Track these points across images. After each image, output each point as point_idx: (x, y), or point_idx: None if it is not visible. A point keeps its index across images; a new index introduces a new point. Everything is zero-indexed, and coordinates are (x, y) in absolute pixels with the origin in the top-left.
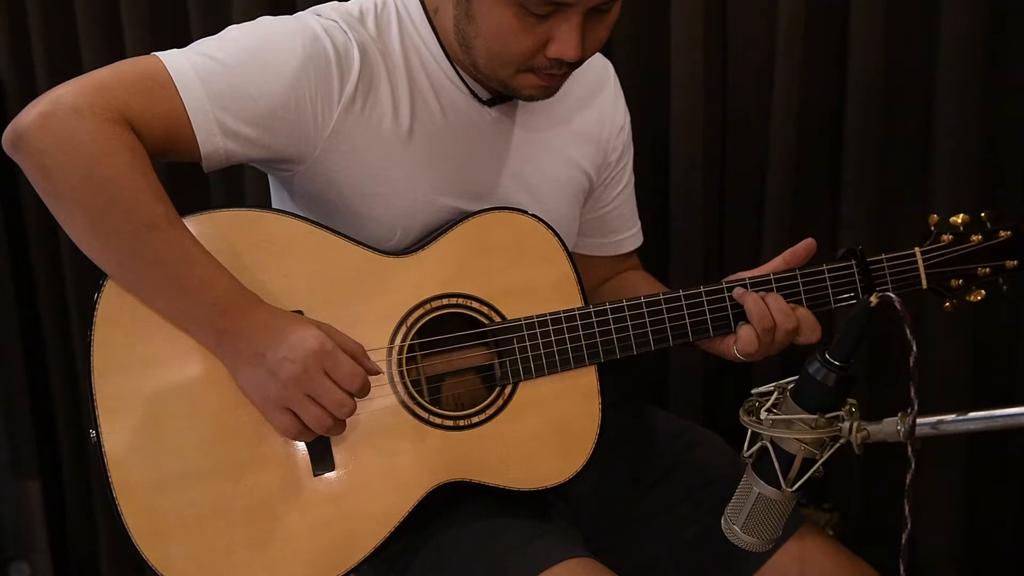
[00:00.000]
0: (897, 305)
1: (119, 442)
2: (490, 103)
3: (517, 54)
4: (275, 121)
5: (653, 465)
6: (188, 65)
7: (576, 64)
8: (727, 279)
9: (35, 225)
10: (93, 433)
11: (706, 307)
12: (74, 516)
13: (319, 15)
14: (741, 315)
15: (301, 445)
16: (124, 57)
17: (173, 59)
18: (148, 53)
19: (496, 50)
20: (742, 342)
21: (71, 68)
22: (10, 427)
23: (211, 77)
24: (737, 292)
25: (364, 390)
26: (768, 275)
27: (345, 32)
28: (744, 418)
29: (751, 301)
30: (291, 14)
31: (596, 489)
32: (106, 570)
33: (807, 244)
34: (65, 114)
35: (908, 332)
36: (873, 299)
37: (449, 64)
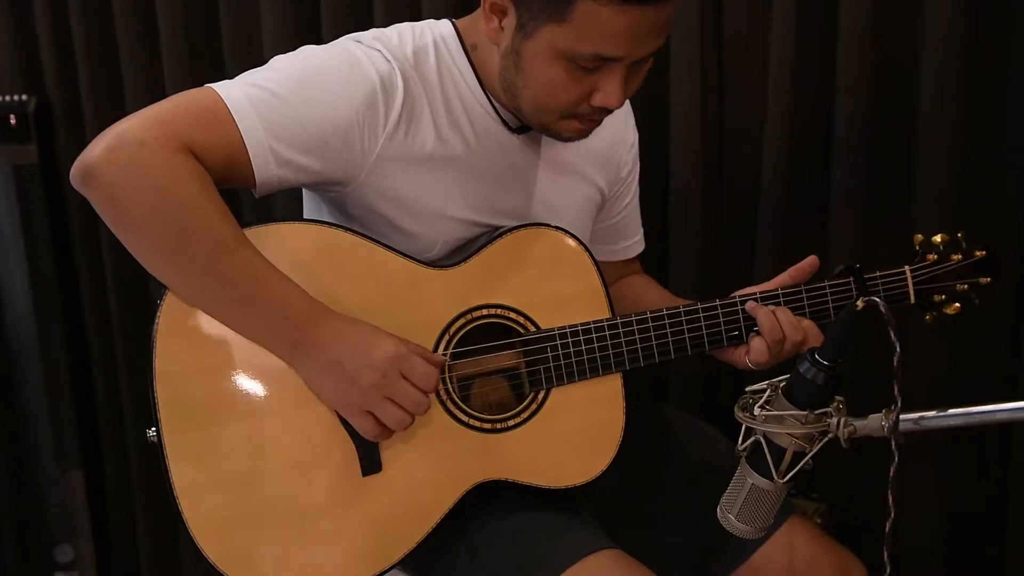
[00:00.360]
0: (882, 309)
1: (179, 444)
2: (518, 131)
3: (563, 104)
4: (325, 148)
5: (658, 457)
6: (243, 96)
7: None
8: (740, 293)
9: (79, 229)
10: (153, 432)
11: (721, 319)
12: (114, 503)
13: (360, 42)
14: (751, 327)
15: (351, 447)
16: (163, 81)
17: (229, 91)
18: (185, 76)
19: (543, 100)
20: (754, 352)
21: (113, 91)
22: (55, 421)
23: (265, 108)
24: (749, 306)
25: (435, 389)
26: (776, 290)
27: (388, 60)
28: (739, 414)
29: (763, 315)
30: (318, 34)
31: (609, 481)
32: (144, 553)
33: (811, 262)
34: (132, 147)
35: (892, 334)
36: (859, 303)
37: (483, 94)
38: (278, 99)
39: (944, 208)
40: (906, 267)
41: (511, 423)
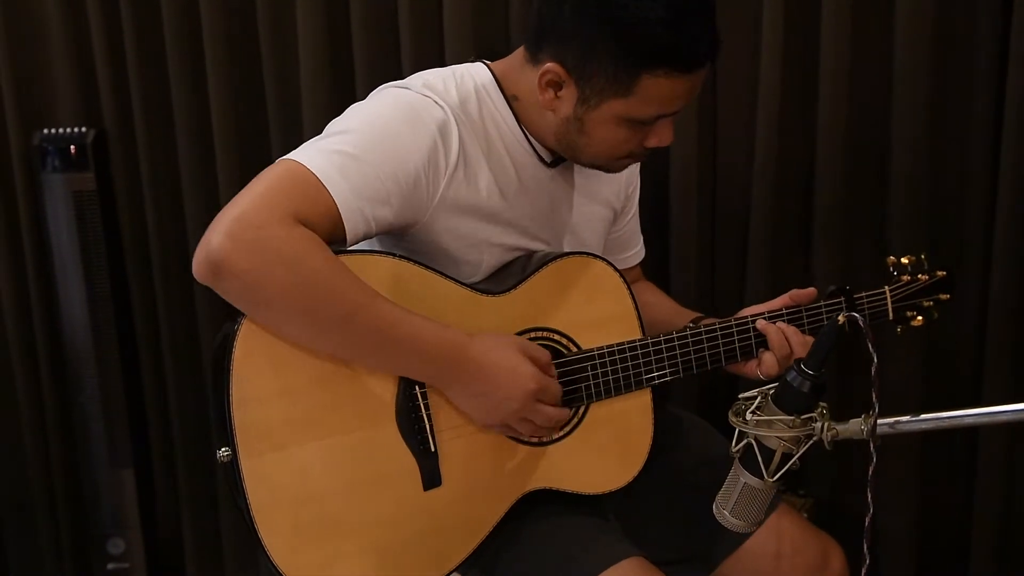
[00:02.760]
0: (861, 324)
1: (254, 466)
2: (551, 164)
3: (622, 154)
4: (400, 199)
5: (660, 450)
6: (329, 165)
7: None
8: (749, 312)
9: (132, 249)
10: (228, 452)
11: (735, 337)
12: (161, 500)
13: (410, 89)
14: (761, 343)
15: (413, 464)
16: (209, 115)
17: (314, 162)
18: (228, 112)
19: (605, 153)
20: (765, 365)
21: (165, 125)
22: (108, 424)
23: (350, 172)
24: (760, 324)
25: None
26: (780, 309)
27: (441, 107)
28: (732, 419)
29: (772, 332)
30: (351, 68)
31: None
32: (188, 545)
33: (810, 292)
34: (253, 232)
35: (870, 347)
36: (841, 319)
37: (522, 133)
38: (359, 162)
39: (914, 235)
40: (886, 288)
41: (556, 436)
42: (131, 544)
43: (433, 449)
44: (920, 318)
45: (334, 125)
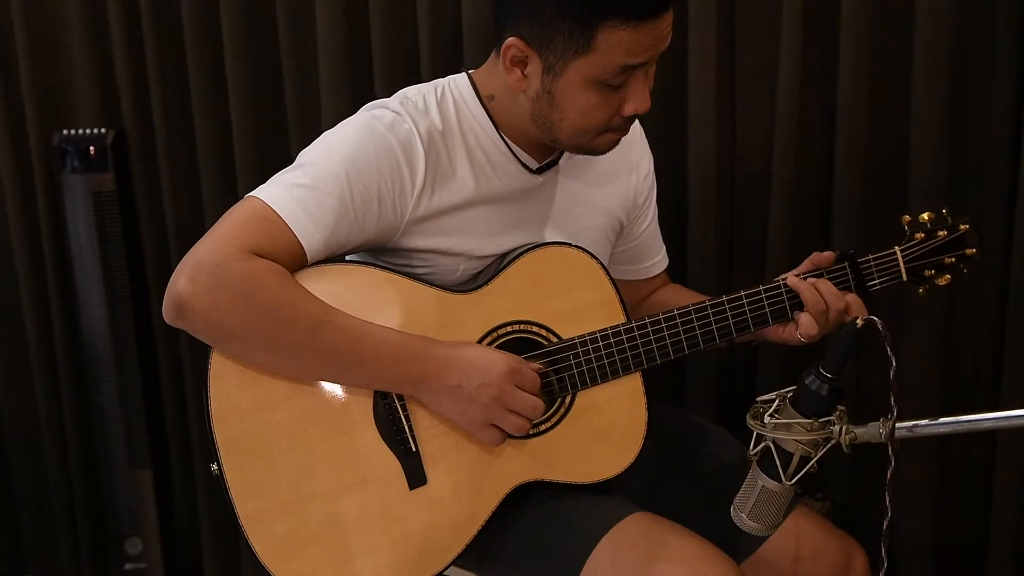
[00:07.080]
0: (880, 328)
1: (240, 477)
2: (537, 171)
3: (600, 123)
4: (364, 223)
5: (673, 454)
6: (289, 199)
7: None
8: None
9: (151, 249)
10: (215, 467)
11: (765, 301)
12: (179, 500)
13: (386, 107)
14: (796, 306)
15: (397, 464)
16: (228, 116)
17: (274, 197)
18: (247, 112)
19: (582, 125)
20: (803, 327)
21: (183, 126)
22: (127, 424)
23: (310, 204)
24: (791, 281)
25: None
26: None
27: (408, 127)
28: (750, 422)
29: (804, 288)
30: (370, 76)
31: (632, 478)
32: (206, 545)
33: (828, 256)
34: (211, 271)
35: (888, 350)
36: (859, 322)
37: (501, 140)
38: (317, 191)
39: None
40: (896, 248)
41: (543, 427)
42: (149, 544)
43: (414, 449)
44: (947, 276)
45: (301, 156)
